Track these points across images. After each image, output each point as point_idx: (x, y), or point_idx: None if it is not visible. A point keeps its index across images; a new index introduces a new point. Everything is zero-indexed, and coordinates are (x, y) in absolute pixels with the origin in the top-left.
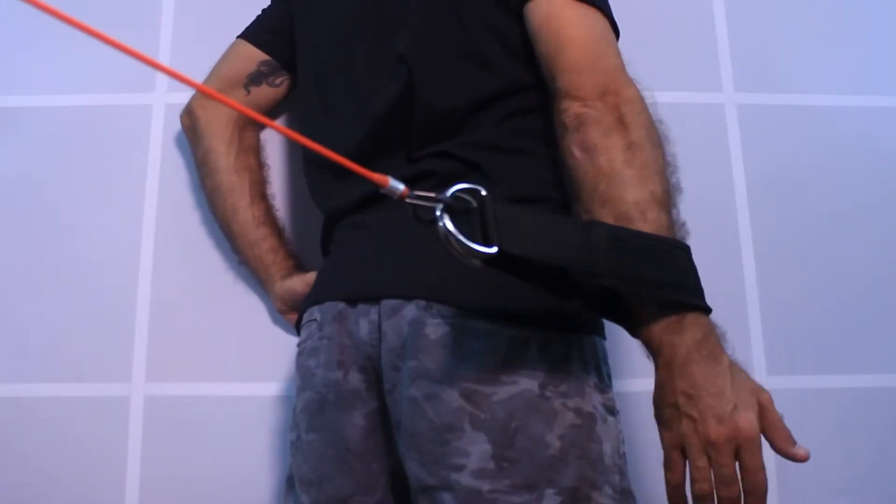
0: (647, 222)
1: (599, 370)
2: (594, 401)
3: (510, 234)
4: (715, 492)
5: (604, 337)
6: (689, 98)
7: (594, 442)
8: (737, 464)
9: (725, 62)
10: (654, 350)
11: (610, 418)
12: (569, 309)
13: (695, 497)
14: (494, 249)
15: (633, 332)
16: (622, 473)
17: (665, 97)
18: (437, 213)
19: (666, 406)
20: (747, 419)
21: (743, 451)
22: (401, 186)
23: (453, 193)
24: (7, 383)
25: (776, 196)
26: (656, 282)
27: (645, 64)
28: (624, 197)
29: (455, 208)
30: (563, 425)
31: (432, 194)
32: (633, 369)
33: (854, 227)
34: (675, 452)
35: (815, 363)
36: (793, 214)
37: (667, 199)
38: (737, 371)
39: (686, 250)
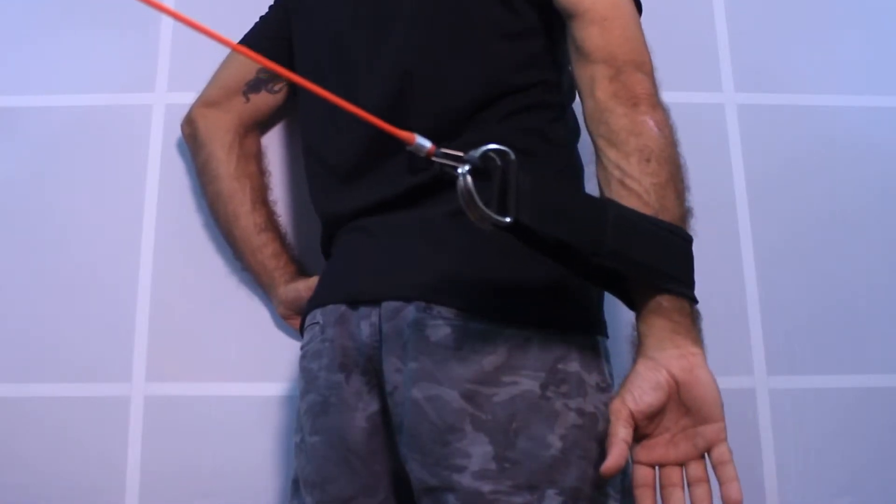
0: (686, 224)
1: (601, 370)
2: (596, 401)
3: (528, 205)
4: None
5: (606, 336)
6: (689, 98)
7: (596, 442)
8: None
9: (725, 62)
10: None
11: None
12: (571, 297)
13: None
14: (508, 220)
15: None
16: (624, 473)
17: (665, 97)
18: (460, 172)
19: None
20: None
21: None
22: (427, 144)
23: (481, 154)
24: (7, 383)
25: (776, 196)
26: (653, 268)
27: None
28: (687, 197)
29: (481, 169)
30: (564, 425)
31: (460, 154)
32: None
33: (854, 227)
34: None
35: (815, 363)
36: (793, 214)
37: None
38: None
39: (689, 241)
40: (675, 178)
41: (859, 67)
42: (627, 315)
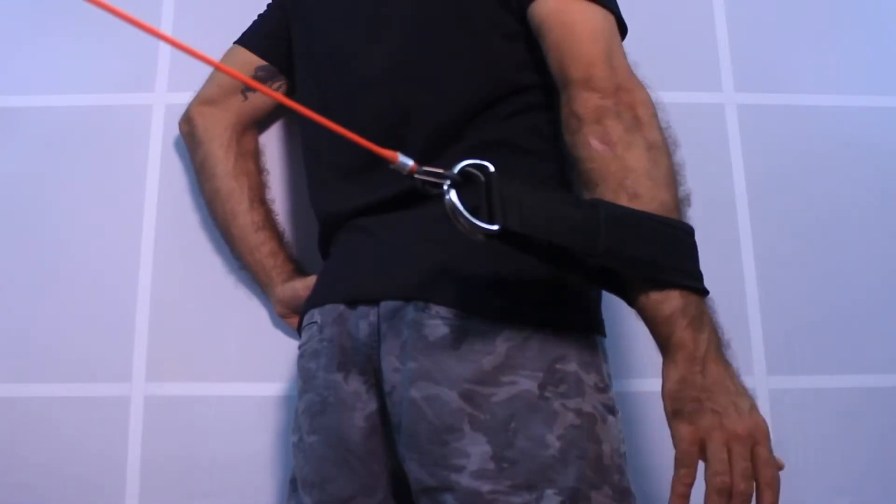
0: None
1: (599, 369)
2: (594, 401)
3: (514, 211)
4: (735, 487)
5: (604, 335)
6: (689, 98)
7: (594, 442)
8: None
9: (725, 62)
10: (662, 336)
11: (610, 418)
12: (570, 288)
13: (714, 490)
14: (496, 227)
15: (634, 306)
16: (622, 473)
17: (665, 97)
18: (445, 188)
19: (688, 400)
20: (762, 418)
21: (759, 445)
22: (409, 162)
23: (461, 170)
24: (7, 383)
25: (776, 196)
26: (653, 263)
27: (645, 64)
28: (657, 196)
29: (462, 183)
30: (562, 426)
31: (440, 170)
32: (633, 369)
33: (854, 227)
34: (695, 447)
35: (815, 363)
36: (793, 214)
37: (681, 205)
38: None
39: (689, 232)
40: (623, 186)
41: (859, 67)
42: (626, 314)
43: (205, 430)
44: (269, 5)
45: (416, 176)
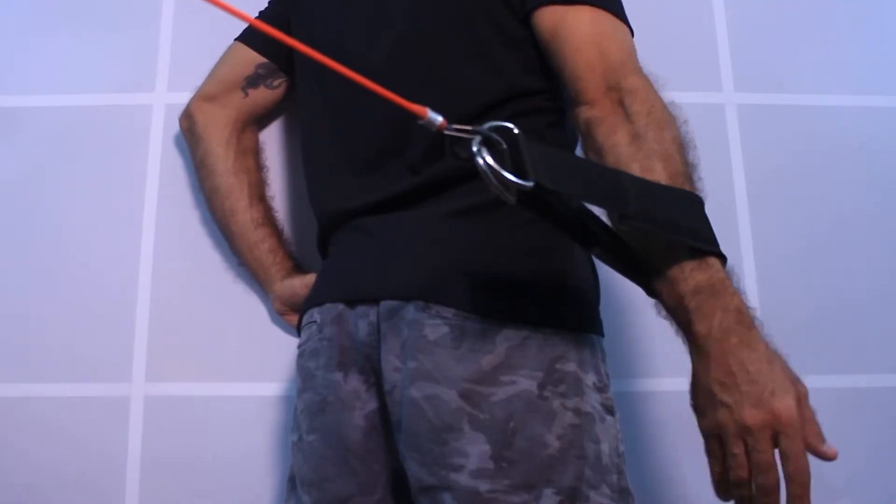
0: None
1: (598, 369)
2: (592, 400)
3: (544, 169)
4: (753, 480)
5: (602, 335)
6: (689, 98)
7: (592, 442)
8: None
9: (725, 62)
10: (683, 321)
11: (608, 417)
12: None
13: (732, 484)
14: (531, 183)
15: (651, 292)
16: (620, 472)
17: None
18: (475, 147)
19: (701, 394)
20: (785, 403)
21: (782, 436)
22: (439, 118)
23: (490, 128)
24: (7, 383)
25: (776, 196)
26: (684, 228)
27: (645, 64)
28: (662, 174)
29: (490, 143)
30: (561, 425)
31: (469, 127)
32: (633, 369)
33: (854, 227)
34: (714, 442)
35: (814, 363)
36: (793, 214)
37: (677, 181)
38: (774, 356)
39: (700, 203)
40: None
41: (859, 67)
42: (625, 315)
43: (205, 430)
44: (270, 2)
45: (446, 132)
